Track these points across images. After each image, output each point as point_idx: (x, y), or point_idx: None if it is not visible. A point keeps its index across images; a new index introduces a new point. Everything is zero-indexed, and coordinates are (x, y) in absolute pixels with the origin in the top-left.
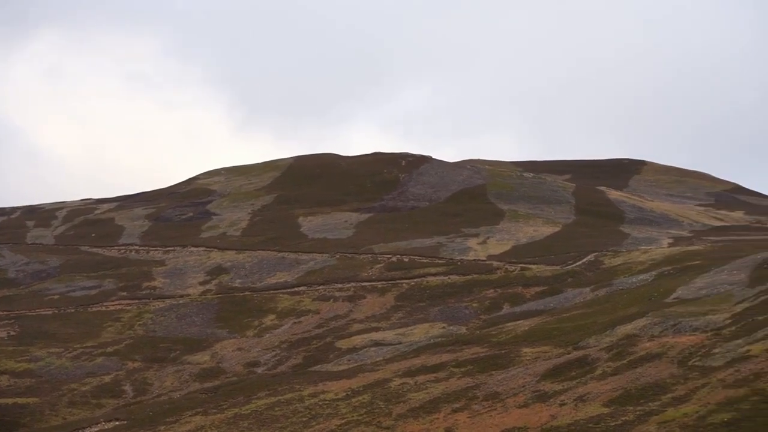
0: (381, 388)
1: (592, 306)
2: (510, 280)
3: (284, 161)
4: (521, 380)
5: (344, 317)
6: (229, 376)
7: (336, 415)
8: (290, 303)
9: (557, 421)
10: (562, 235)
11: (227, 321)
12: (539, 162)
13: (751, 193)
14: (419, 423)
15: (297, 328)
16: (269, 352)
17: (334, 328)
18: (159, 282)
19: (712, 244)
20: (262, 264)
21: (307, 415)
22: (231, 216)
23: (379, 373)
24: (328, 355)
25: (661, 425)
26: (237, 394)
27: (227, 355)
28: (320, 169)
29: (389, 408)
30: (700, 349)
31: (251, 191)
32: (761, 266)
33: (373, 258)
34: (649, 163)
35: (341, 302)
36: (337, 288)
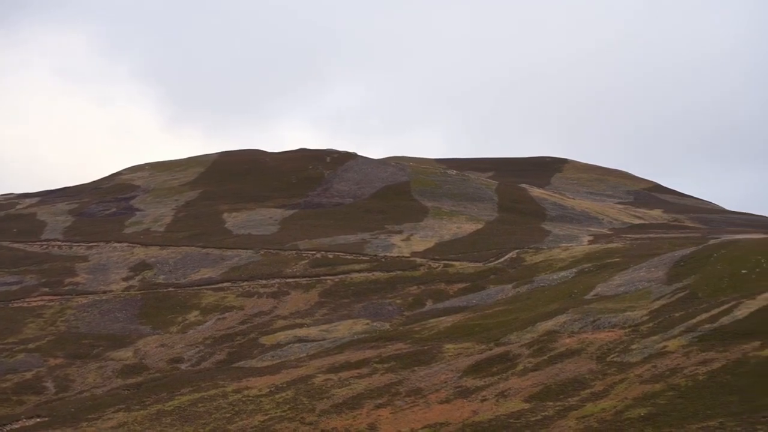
0: (304, 384)
1: (514, 303)
2: (433, 277)
3: (209, 157)
4: (443, 376)
5: (268, 313)
6: (153, 372)
7: (259, 411)
8: (214, 299)
9: (479, 417)
10: (485, 232)
11: (151, 317)
12: (463, 159)
13: (669, 191)
14: (342, 419)
15: (221, 325)
16: (193, 349)
17: (258, 325)
18: (82, 278)
19: (631, 241)
20: (186, 260)
21: (231, 411)
22: (155, 212)
23: (303, 369)
24: (252, 352)
25: (579, 420)
26: (160, 390)
27: (150, 351)
28: (245, 165)
29: (312, 404)
30: (618, 345)
31: (175, 187)
32: (678, 264)
33: (298, 254)
34: (570, 162)
35: (265, 298)
36: (262, 284)
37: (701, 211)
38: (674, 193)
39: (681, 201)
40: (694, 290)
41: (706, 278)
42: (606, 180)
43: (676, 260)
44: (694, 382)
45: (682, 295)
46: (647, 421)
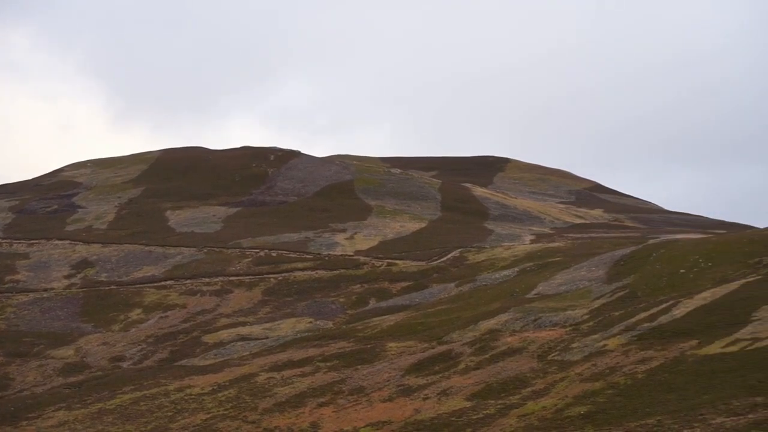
0: (247, 383)
1: (457, 301)
2: (376, 276)
3: (152, 154)
4: (386, 375)
5: (211, 312)
6: (94, 370)
7: (202, 409)
8: (157, 297)
9: (421, 415)
10: (428, 231)
11: (92, 315)
12: (407, 158)
13: (609, 191)
14: (285, 417)
15: (163, 323)
16: (135, 347)
17: (201, 323)
18: (22, 275)
19: (572, 241)
20: (128, 258)
21: (173, 409)
22: (97, 209)
23: (246, 368)
24: (195, 350)
25: (521, 418)
26: (101, 389)
27: (92, 349)
28: (189, 162)
29: (255, 402)
30: (559, 344)
31: (118, 184)
32: (618, 263)
33: (241, 252)
34: (513, 161)
35: (208, 296)
36: (205, 282)
37: (641, 211)
38: (615, 193)
39: (621, 201)
40: (633, 289)
41: (646, 278)
42: (548, 180)
43: (616, 259)
44: (633, 380)
45: (622, 294)
46: (587, 419)
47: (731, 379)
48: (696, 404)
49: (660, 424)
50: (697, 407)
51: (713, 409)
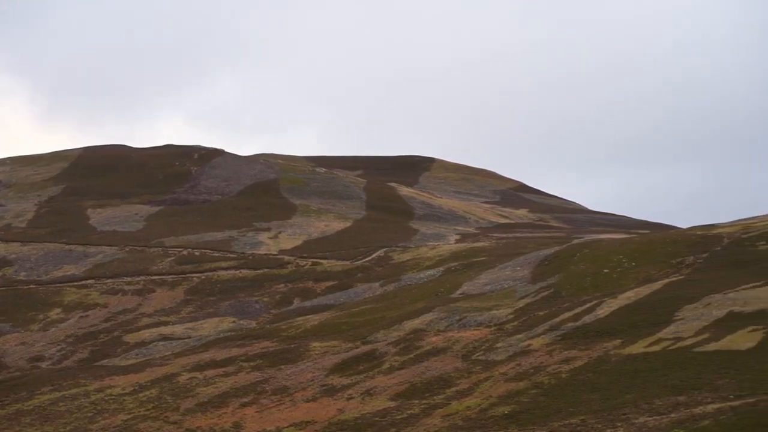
0: (169, 383)
1: (381, 301)
2: (301, 275)
3: (73, 152)
4: (310, 374)
5: (133, 311)
6: (12, 371)
7: (122, 410)
8: (77, 296)
9: (344, 415)
10: (353, 231)
11: (10, 315)
12: (332, 157)
13: (534, 191)
14: (207, 417)
15: (84, 322)
16: (54, 347)
17: (122, 322)
18: None
19: (497, 240)
20: (48, 256)
21: (93, 410)
22: (16, 207)
23: (168, 368)
24: (116, 350)
25: (445, 418)
26: (19, 389)
27: (10, 349)
28: (110, 160)
29: (177, 402)
30: (483, 344)
31: (38, 182)
32: (543, 263)
33: (164, 251)
34: (438, 161)
35: (130, 296)
36: (126, 281)
37: (565, 210)
38: (539, 193)
39: (546, 201)
40: (557, 289)
41: (570, 277)
42: (473, 179)
43: (540, 259)
44: (557, 380)
45: (547, 294)
46: (511, 418)
47: (654, 379)
48: (619, 403)
49: (584, 424)
50: (620, 406)
51: (636, 409)
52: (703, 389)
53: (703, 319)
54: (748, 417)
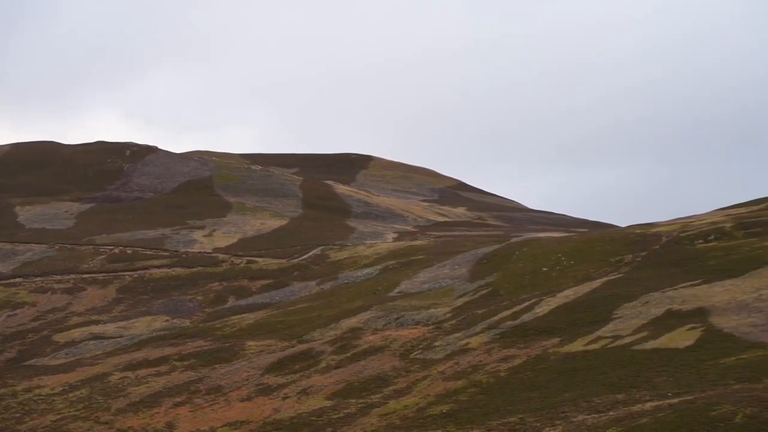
0: (100, 383)
1: (318, 299)
2: (236, 273)
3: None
4: (245, 374)
5: (63, 310)
6: None
7: (52, 410)
8: (4, 295)
9: (280, 415)
10: (289, 229)
11: None
12: (268, 155)
13: (473, 189)
14: (139, 418)
15: (12, 321)
16: None
17: (51, 321)
18: None
19: (435, 239)
20: None
21: (21, 410)
22: None
23: (99, 367)
24: (45, 349)
25: (382, 417)
26: None
27: None
28: (40, 157)
29: (108, 402)
30: (421, 342)
31: None
32: (481, 261)
33: (95, 249)
34: (376, 159)
35: (60, 294)
36: (56, 280)
37: (504, 209)
38: (477, 191)
39: (484, 199)
40: (496, 288)
41: (509, 276)
42: (411, 177)
43: (479, 258)
44: (495, 378)
45: (485, 292)
46: (449, 417)
47: (593, 377)
48: (558, 402)
49: (522, 422)
50: (559, 405)
51: (575, 407)
52: (642, 387)
53: (641, 317)
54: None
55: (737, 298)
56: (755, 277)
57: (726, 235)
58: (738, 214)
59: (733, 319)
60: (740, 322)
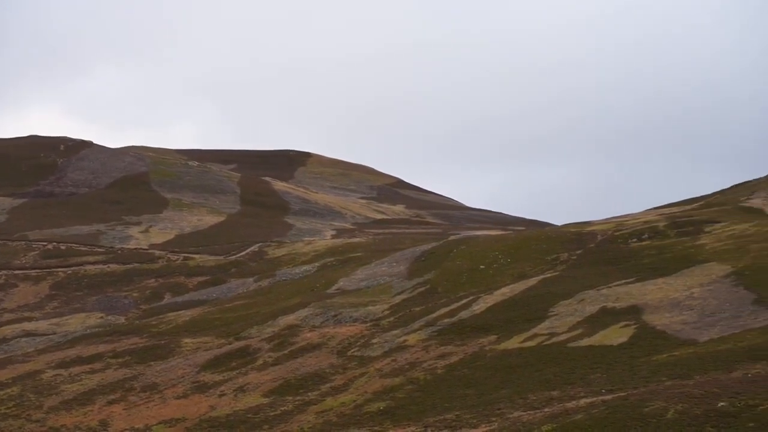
0: (32, 380)
1: (255, 297)
2: (172, 270)
3: None
4: (181, 371)
5: None
6: None
7: None
8: None
9: (216, 412)
10: (227, 225)
11: None
12: (205, 151)
13: (411, 187)
14: (72, 415)
15: None
16: None
17: None
18: None
19: (373, 236)
20: None
21: None
22: None
23: (31, 365)
24: None
25: (319, 414)
26: None
27: None
28: None
29: (40, 401)
30: (359, 340)
31: None
32: (419, 259)
33: (27, 245)
34: (314, 156)
35: None
36: None
37: (442, 207)
38: (416, 189)
39: (423, 197)
40: (434, 285)
41: (446, 273)
42: (350, 175)
43: (417, 255)
44: (432, 375)
45: (423, 290)
46: (386, 414)
47: (528, 374)
48: (494, 399)
49: (458, 419)
50: (495, 401)
51: (511, 404)
52: (576, 384)
53: (576, 314)
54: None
55: (670, 296)
56: (687, 275)
57: (659, 234)
58: (671, 213)
59: (666, 317)
60: (672, 319)
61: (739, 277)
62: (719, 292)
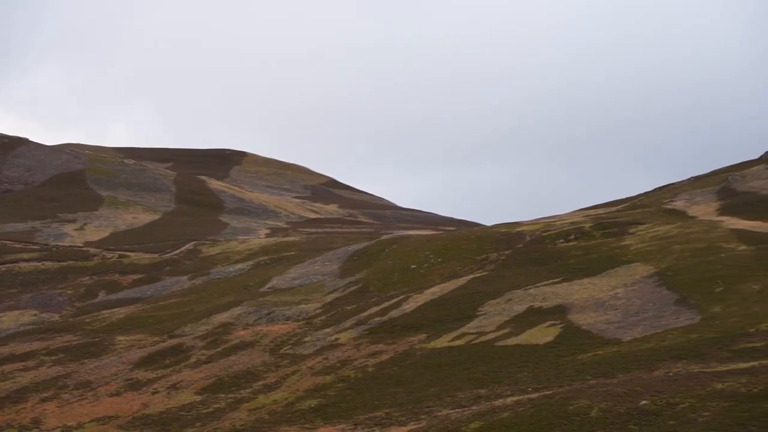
0: None
1: (189, 294)
2: (107, 267)
3: None
4: (114, 369)
5: None
6: None
7: None
8: None
9: (149, 410)
10: (162, 223)
11: None
12: (141, 149)
13: (344, 187)
14: (4, 413)
15: None
16: None
17: None
18: None
19: (307, 235)
20: None
21: None
22: None
23: None
24: None
25: (251, 412)
26: None
27: None
28: None
29: None
30: (291, 338)
31: None
32: (352, 258)
33: None
34: (249, 155)
35: None
36: None
37: (374, 207)
38: (349, 188)
39: (356, 197)
40: (366, 284)
41: (378, 273)
42: (284, 174)
43: (349, 255)
44: (363, 373)
45: (355, 288)
46: (317, 412)
47: (457, 372)
48: (423, 396)
49: (388, 417)
50: (424, 399)
51: (439, 402)
52: (504, 382)
53: (504, 314)
54: (545, 409)
55: (595, 296)
56: (612, 275)
57: (585, 235)
58: (597, 214)
59: (591, 317)
60: (597, 319)
61: (661, 277)
62: (643, 292)
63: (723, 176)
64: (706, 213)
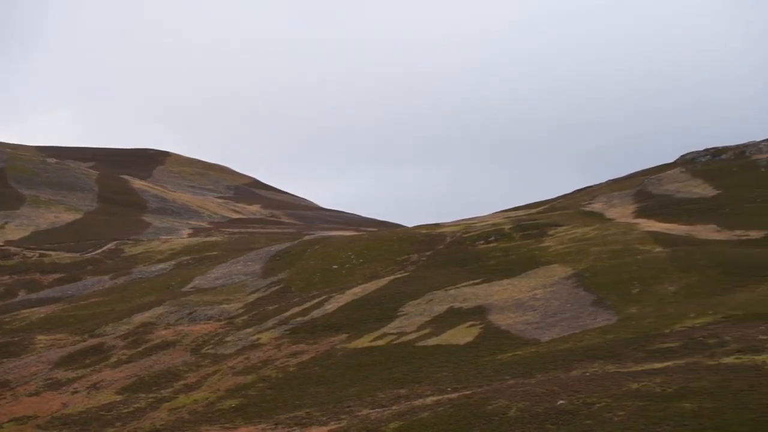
0: None
1: (111, 294)
2: (27, 267)
3: None
4: (34, 368)
5: None
6: None
7: None
8: None
9: (69, 409)
10: (84, 223)
11: None
12: (63, 148)
13: (267, 187)
14: None
15: None
16: None
17: None
18: None
19: (229, 235)
20: None
21: None
22: None
23: None
24: None
25: (172, 412)
26: None
27: None
28: None
29: None
30: (213, 338)
31: None
32: (274, 258)
33: None
34: (173, 155)
35: None
36: None
37: (297, 207)
38: (272, 189)
39: (278, 197)
40: (288, 284)
41: (300, 273)
42: (207, 174)
43: (272, 255)
44: (284, 373)
45: (277, 288)
46: (238, 412)
47: (378, 372)
48: (344, 396)
49: (309, 417)
50: (344, 399)
51: (360, 401)
52: (424, 382)
53: (425, 314)
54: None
55: (514, 297)
56: (531, 277)
57: (505, 237)
58: (517, 216)
59: (510, 317)
60: (516, 319)
61: (579, 278)
62: (561, 293)
63: (640, 179)
64: (623, 215)
